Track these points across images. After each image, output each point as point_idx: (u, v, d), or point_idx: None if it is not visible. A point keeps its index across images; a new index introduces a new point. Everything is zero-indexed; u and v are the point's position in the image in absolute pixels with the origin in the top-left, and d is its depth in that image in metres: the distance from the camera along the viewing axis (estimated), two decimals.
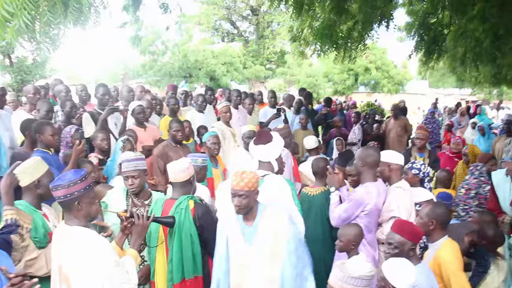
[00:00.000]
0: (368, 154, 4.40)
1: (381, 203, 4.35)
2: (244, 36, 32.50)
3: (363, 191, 4.32)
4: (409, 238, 3.42)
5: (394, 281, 2.99)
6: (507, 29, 6.49)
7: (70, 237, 2.95)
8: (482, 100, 29.98)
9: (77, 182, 2.94)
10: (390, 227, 3.60)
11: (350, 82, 29.34)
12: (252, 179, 3.43)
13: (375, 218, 4.35)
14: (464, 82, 17.32)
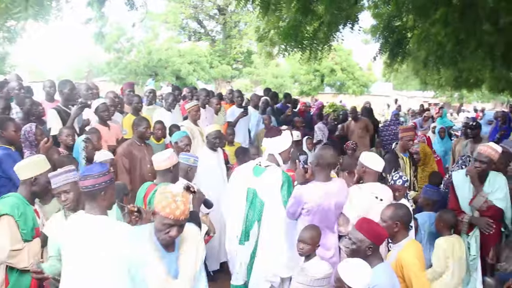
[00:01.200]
0: (322, 155, 4.46)
1: (328, 203, 4.35)
2: (211, 35, 32.34)
3: (302, 189, 4.37)
4: (368, 237, 3.44)
5: (350, 281, 3.01)
6: (468, 34, 6.62)
7: (99, 225, 3.15)
8: (444, 103, 30.61)
9: (105, 173, 3.21)
10: (355, 225, 3.63)
11: (316, 83, 29.62)
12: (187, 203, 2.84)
13: (322, 218, 4.35)
14: (427, 85, 17.62)
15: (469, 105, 34.48)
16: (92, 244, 3.09)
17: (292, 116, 10.52)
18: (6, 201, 3.65)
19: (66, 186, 3.55)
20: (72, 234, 3.19)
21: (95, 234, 3.11)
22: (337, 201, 4.44)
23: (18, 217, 3.60)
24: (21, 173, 3.76)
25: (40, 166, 3.82)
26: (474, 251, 5.32)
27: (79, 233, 3.15)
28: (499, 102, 34.30)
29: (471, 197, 5.37)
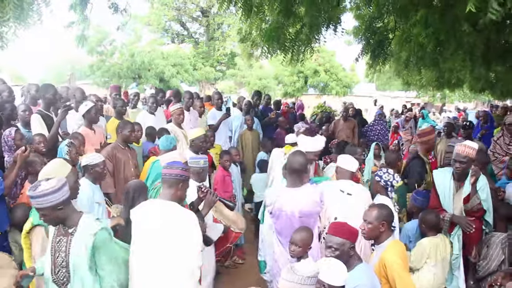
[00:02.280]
0: (290, 161, 4.49)
1: (290, 209, 4.36)
2: (194, 37, 32.30)
3: (268, 192, 4.49)
4: (347, 238, 3.48)
5: (328, 279, 3.02)
6: (448, 35, 6.68)
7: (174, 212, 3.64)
8: (425, 103, 30.87)
9: (186, 170, 3.82)
10: (327, 231, 3.66)
11: (299, 84, 29.67)
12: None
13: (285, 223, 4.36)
14: (410, 85, 17.77)
15: (451, 105, 34.83)
16: (164, 227, 3.55)
17: (276, 117, 10.57)
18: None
19: (40, 210, 3.29)
20: (145, 216, 3.64)
21: (167, 219, 3.58)
22: (303, 208, 4.39)
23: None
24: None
25: (62, 169, 3.91)
26: (457, 250, 5.39)
27: (152, 217, 3.62)
28: (480, 101, 34.74)
29: (452, 195, 5.44)
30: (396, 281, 3.66)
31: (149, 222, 3.60)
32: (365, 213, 4.00)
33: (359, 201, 4.75)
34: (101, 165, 5.02)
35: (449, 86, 15.22)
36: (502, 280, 3.95)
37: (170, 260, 3.50)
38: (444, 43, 6.92)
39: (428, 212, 5.33)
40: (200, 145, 6.44)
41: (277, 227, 4.44)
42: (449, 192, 5.45)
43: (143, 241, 3.58)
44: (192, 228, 3.59)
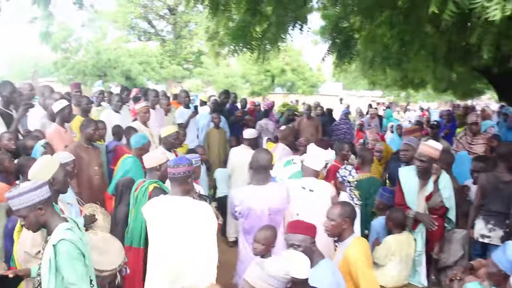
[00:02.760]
0: (255, 158, 4.46)
1: (260, 207, 4.35)
2: (161, 35, 32.01)
3: (235, 191, 4.47)
4: (307, 233, 3.51)
5: (294, 272, 3.03)
6: (412, 36, 6.79)
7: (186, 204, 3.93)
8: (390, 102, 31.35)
9: (192, 164, 4.08)
10: (285, 231, 3.67)
11: (267, 83, 29.82)
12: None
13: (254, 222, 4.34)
14: (375, 84, 18.03)
15: (416, 104, 35.47)
16: (181, 218, 3.85)
17: (243, 115, 10.58)
18: None
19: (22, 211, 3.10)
20: (161, 211, 3.92)
21: (183, 211, 3.88)
22: (271, 205, 4.40)
23: None
24: (38, 177, 3.60)
25: (51, 166, 3.87)
26: (420, 247, 5.47)
27: (168, 211, 3.90)
28: (444, 101, 35.47)
29: (416, 192, 5.54)
30: (360, 277, 3.70)
31: (168, 218, 3.89)
32: (328, 211, 4.02)
33: (321, 197, 4.78)
34: (71, 163, 4.88)
35: (413, 86, 15.51)
36: (461, 274, 4.04)
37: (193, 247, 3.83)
38: (408, 44, 7.02)
39: (395, 210, 5.40)
40: (173, 142, 6.38)
41: (245, 226, 4.41)
42: (414, 190, 5.55)
43: (165, 235, 3.88)
44: (209, 216, 3.91)
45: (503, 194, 5.42)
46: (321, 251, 3.68)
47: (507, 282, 3.15)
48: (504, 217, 5.42)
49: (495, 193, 5.46)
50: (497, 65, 8.23)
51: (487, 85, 14.84)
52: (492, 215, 5.47)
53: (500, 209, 5.43)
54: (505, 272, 3.33)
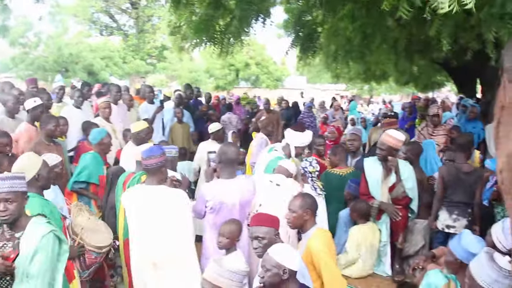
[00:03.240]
0: (224, 152, 4.41)
1: (231, 201, 4.34)
2: (124, 30, 31.50)
3: (206, 186, 4.39)
4: (271, 225, 3.53)
5: (287, 263, 3.04)
6: (374, 29, 6.87)
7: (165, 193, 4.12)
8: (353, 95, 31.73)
9: (163, 154, 4.24)
10: (250, 223, 3.69)
11: (231, 78, 29.75)
12: None
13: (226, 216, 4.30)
14: (339, 78, 18.19)
15: (378, 97, 35.96)
16: (157, 206, 4.03)
17: (208, 110, 10.56)
18: (32, 202, 3.57)
19: (10, 194, 3.09)
20: (138, 200, 4.08)
21: (159, 199, 4.06)
22: (242, 198, 4.41)
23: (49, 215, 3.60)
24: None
25: (35, 163, 3.89)
26: (385, 237, 5.57)
27: (145, 199, 4.06)
28: (405, 94, 36.09)
29: (380, 183, 5.64)
30: (322, 268, 3.72)
31: (144, 206, 4.06)
32: (290, 203, 4.03)
33: (287, 191, 4.81)
34: (60, 165, 4.85)
35: (375, 78, 15.74)
36: (424, 263, 4.13)
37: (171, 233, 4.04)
38: (370, 37, 7.11)
39: (358, 201, 5.49)
40: (144, 138, 6.31)
41: (216, 221, 4.36)
42: (377, 180, 5.65)
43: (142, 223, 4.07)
44: (184, 202, 4.16)
45: (465, 185, 5.55)
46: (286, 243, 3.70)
47: (465, 270, 3.23)
48: (467, 207, 5.56)
49: (456, 184, 5.58)
50: (455, 58, 8.41)
51: (447, 77, 15.18)
52: (455, 205, 5.59)
53: (463, 199, 5.56)
54: (461, 261, 3.42)
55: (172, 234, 4.07)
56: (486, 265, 2.84)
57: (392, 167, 5.51)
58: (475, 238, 3.50)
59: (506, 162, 1.92)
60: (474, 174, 5.62)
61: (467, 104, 9.15)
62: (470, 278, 2.93)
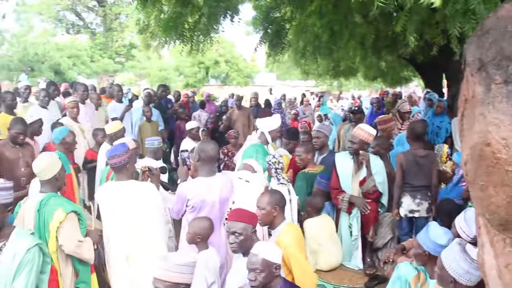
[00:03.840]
0: (203, 149, 4.37)
1: (212, 199, 4.33)
2: (91, 28, 31.06)
3: (185, 186, 4.34)
4: (249, 222, 3.55)
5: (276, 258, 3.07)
6: (341, 25, 6.93)
7: (134, 187, 4.29)
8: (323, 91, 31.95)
9: (127, 151, 4.32)
10: (228, 218, 3.69)
11: (201, 75, 29.64)
12: None
13: (207, 214, 4.30)
14: (308, 74, 18.28)
15: (348, 93, 36.29)
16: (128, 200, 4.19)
17: (179, 108, 10.55)
18: (63, 200, 3.98)
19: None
20: (110, 195, 4.23)
21: (129, 193, 4.22)
22: (222, 195, 4.40)
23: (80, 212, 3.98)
24: (44, 175, 3.95)
25: (56, 162, 4.07)
26: (356, 231, 5.66)
27: (116, 194, 4.21)
28: (374, 89, 36.51)
29: (351, 177, 5.73)
30: (292, 262, 3.76)
31: (116, 201, 4.21)
32: (258, 200, 4.05)
33: (256, 188, 4.84)
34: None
35: (344, 74, 15.87)
36: (394, 256, 4.19)
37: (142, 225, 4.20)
38: (338, 33, 7.16)
39: (314, 197, 5.56)
40: (120, 138, 6.29)
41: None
42: (348, 174, 5.75)
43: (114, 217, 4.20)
44: (153, 195, 4.33)
45: (424, 168, 5.74)
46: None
47: (434, 262, 3.30)
48: (427, 190, 5.74)
49: (415, 169, 5.74)
50: (422, 54, 8.54)
51: (414, 72, 15.39)
52: (417, 189, 5.74)
53: (423, 183, 5.74)
54: (429, 253, 3.49)
55: (143, 228, 4.18)
56: (458, 257, 2.90)
57: (364, 161, 5.59)
58: (442, 230, 3.57)
59: (470, 154, 1.96)
60: (430, 157, 5.83)
61: (433, 98, 9.32)
62: (441, 268, 2.98)
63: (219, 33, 7.77)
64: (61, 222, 3.76)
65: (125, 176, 4.31)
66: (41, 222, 3.78)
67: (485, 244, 2.07)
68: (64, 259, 3.86)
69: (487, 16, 2.02)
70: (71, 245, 3.80)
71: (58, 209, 3.76)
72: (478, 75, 1.90)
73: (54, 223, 3.74)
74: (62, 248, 3.79)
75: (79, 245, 3.85)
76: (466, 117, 2.08)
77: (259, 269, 3.03)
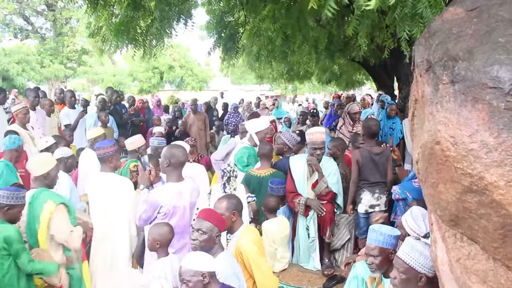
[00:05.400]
0: (173, 154, 4.27)
1: (182, 204, 4.27)
2: (40, 33, 30.22)
3: (157, 193, 4.23)
4: (216, 224, 3.52)
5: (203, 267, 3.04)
6: (294, 29, 7.00)
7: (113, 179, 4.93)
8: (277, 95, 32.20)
9: (113, 146, 4.96)
10: (198, 216, 3.66)
11: (155, 81, 29.35)
12: None
13: (178, 219, 4.24)
14: (263, 78, 18.39)
15: (302, 96, 36.70)
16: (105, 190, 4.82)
17: (134, 114, 10.42)
18: (53, 193, 4.37)
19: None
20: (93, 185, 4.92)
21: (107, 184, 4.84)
22: (191, 201, 4.36)
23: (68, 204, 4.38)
24: (34, 170, 4.37)
25: (48, 162, 4.45)
26: (313, 233, 5.70)
27: (98, 184, 4.89)
28: (328, 92, 37.06)
29: (306, 180, 5.77)
30: (252, 266, 3.76)
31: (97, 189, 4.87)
32: (215, 206, 4.01)
33: None
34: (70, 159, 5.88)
35: (298, 78, 16.04)
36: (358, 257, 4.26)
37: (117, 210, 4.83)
38: (291, 37, 7.23)
39: (267, 197, 5.58)
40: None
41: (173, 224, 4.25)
42: (303, 178, 5.78)
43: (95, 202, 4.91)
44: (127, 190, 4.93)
45: (378, 165, 5.87)
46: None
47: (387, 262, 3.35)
48: (384, 185, 5.89)
49: (371, 165, 5.87)
50: (373, 56, 8.73)
51: (367, 76, 15.72)
52: (375, 185, 5.86)
53: (379, 178, 5.87)
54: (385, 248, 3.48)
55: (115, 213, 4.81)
56: (423, 249, 2.85)
57: (312, 166, 5.67)
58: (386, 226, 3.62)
59: (421, 152, 2.02)
60: (384, 154, 5.95)
61: (385, 99, 9.51)
62: (406, 271, 2.89)
63: (172, 38, 7.70)
64: (52, 213, 4.15)
65: (108, 168, 4.91)
66: (31, 214, 4.17)
67: (437, 240, 2.13)
68: (54, 248, 4.26)
69: (433, 19, 2.08)
70: (62, 235, 4.20)
71: (47, 201, 4.18)
72: (426, 76, 1.96)
73: (45, 214, 4.14)
74: (54, 238, 4.20)
75: (70, 235, 4.23)
76: (416, 117, 2.14)
77: (185, 279, 3.03)
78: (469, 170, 1.77)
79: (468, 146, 1.76)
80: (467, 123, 1.75)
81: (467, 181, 1.79)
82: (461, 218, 1.91)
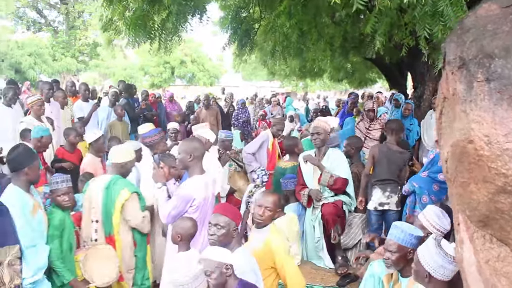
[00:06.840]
0: (195, 148, 4.29)
1: (209, 195, 4.32)
2: (53, 26, 30.34)
3: (188, 187, 4.22)
4: (233, 218, 3.51)
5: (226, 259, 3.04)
6: (310, 26, 6.97)
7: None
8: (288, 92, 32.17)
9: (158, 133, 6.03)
10: (214, 211, 3.65)
11: (166, 75, 29.41)
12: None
13: (205, 211, 4.28)
14: (274, 75, 18.34)
15: (313, 94, 36.64)
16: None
17: (146, 108, 10.45)
18: (128, 182, 4.72)
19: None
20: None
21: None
22: (214, 191, 4.51)
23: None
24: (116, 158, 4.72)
25: (131, 154, 4.82)
26: (318, 233, 5.76)
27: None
28: (339, 90, 36.96)
29: (312, 174, 5.87)
30: (284, 264, 3.72)
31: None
32: (262, 199, 3.99)
33: None
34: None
35: (311, 75, 15.97)
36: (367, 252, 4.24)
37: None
38: (306, 34, 7.20)
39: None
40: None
41: (201, 216, 4.27)
42: (310, 171, 5.93)
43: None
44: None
45: (394, 163, 5.87)
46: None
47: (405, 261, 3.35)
48: (397, 184, 5.86)
49: (386, 162, 5.87)
50: (389, 55, 8.66)
51: (379, 74, 15.61)
52: (387, 183, 5.83)
53: (392, 177, 5.86)
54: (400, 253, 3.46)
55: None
56: (433, 251, 2.94)
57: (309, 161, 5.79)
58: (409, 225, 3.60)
59: (451, 151, 1.98)
60: (403, 155, 5.98)
61: (399, 98, 9.44)
62: (417, 263, 3.02)
63: (187, 32, 7.68)
64: (126, 200, 4.50)
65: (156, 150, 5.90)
66: (108, 198, 4.53)
67: (465, 241, 2.09)
68: (125, 231, 4.61)
69: (467, 15, 2.04)
70: (136, 220, 4.58)
71: (124, 188, 4.53)
72: (459, 73, 1.92)
73: (121, 199, 4.50)
74: (129, 223, 4.58)
75: (143, 220, 4.60)
76: (445, 115, 2.10)
77: (209, 271, 3.01)
78: (504, 170, 1.73)
79: (503, 146, 1.72)
80: (503, 122, 1.72)
81: (501, 181, 1.76)
82: (492, 219, 1.87)
